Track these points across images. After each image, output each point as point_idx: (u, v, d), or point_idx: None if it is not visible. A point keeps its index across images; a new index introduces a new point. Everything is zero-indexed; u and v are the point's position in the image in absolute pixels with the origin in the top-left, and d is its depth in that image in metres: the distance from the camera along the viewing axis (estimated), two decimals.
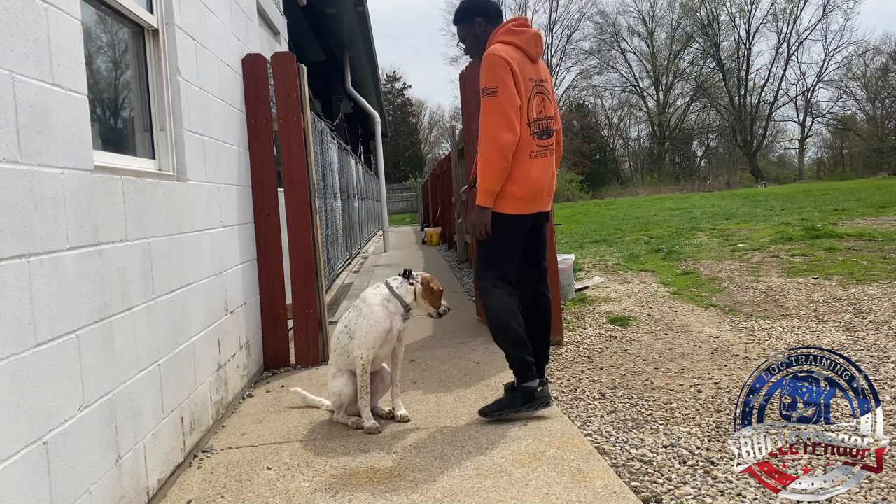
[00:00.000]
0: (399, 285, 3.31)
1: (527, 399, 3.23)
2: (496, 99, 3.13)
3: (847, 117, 51.37)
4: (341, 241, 9.78)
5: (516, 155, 3.18)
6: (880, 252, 7.59)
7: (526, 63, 3.26)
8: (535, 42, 3.31)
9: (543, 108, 3.32)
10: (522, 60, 3.24)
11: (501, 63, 3.14)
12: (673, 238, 10.89)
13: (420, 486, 2.56)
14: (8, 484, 1.72)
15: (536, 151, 3.26)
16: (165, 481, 2.70)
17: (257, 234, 4.48)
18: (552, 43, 52.92)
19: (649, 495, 2.45)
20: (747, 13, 52.50)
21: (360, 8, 9.53)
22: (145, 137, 3.12)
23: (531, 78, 3.26)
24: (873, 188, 20.36)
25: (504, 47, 3.23)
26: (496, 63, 3.14)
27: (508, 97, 3.13)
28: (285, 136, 4.60)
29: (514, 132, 3.13)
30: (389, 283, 3.33)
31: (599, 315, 5.66)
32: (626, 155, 59.17)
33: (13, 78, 1.85)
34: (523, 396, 3.23)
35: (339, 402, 3.33)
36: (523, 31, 3.30)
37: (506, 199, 3.22)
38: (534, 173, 3.24)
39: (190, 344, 3.10)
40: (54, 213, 2.01)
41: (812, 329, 4.77)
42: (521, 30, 3.31)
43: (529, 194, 3.25)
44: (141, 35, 3.06)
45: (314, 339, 4.62)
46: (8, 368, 1.75)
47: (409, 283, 3.32)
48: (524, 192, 3.23)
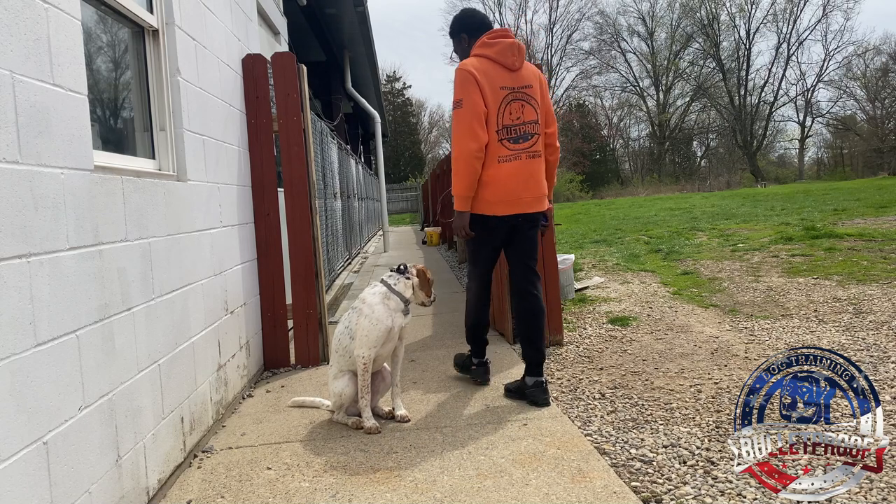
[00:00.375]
0: (396, 282, 3.33)
1: (465, 368, 3.96)
2: (460, 111, 3.41)
3: (847, 117, 51.36)
4: (341, 241, 9.78)
5: (485, 160, 3.43)
6: (880, 252, 7.60)
7: (499, 73, 3.45)
8: (510, 52, 3.48)
9: (522, 114, 3.49)
10: (494, 71, 3.45)
11: (466, 76, 3.40)
12: (673, 238, 10.89)
13: (420, 486, 2.56)
14: (8, 484, 1.72)
15: (507, 156, 3.46)
16: (165, 481, 2.70)
17: (257, 234, 4.48)
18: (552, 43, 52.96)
19: (649, 495, 2.45)
20: (747, 13, 52.52)
21: (360, 8, 9.53)
22: (145, 137, 3.12)
23: (504, 86, 3.45)
24: (873, 188, 20.37)
25: (474, 60, 3.48)
26: (461, 77, 3.41)
27: (472, 108, 3.38)
28: (285, 136, 4.60)
29: (477, 141, 3.37)
30: (386, 281, 3.34)
31: (599, 315, 5.66)
32: (626, 155, 59.18)
33: (13, 78, 1.85)
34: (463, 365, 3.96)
35: (339, 402, 3.33)
36: (497, 43, 3.49)
37: (479, 202, 3.50)
38: (503, 177, 3.45)
39: (190, 344, 3.10)
40: (54, 213, 2.01)
41: (812, 329, 4.77)
42: (494, 41, 3.50)
43: (500, 198, 3.47)
44: (141, 35, 3.06)
45: (314, 340, 4.62)
46: (8, 368, 1.75)
47: (405, 278, 3.34)
48: (494, 195, 3.46)
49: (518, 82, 3.49)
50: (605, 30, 54.75)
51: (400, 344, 3.41)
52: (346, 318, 3.37)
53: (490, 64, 3.46)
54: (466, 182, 3.43)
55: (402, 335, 3.38)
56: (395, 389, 3.42)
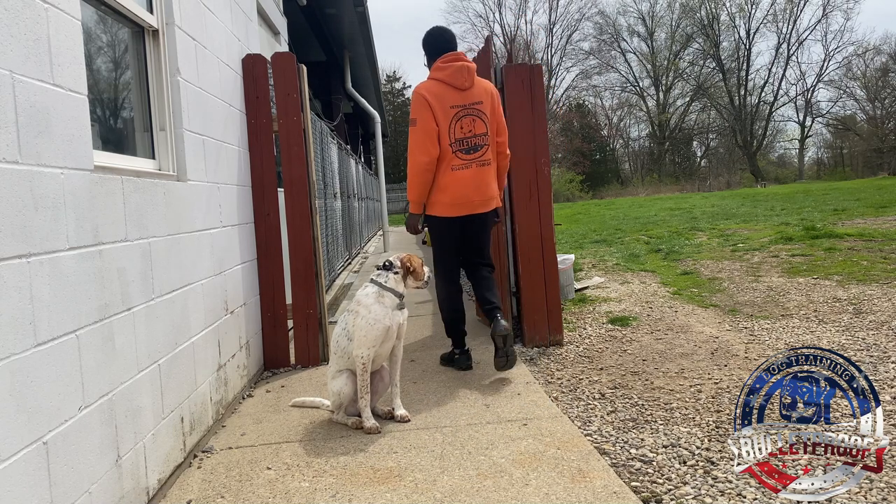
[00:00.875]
0: (385, 279, 3.35)
1: (450, 361, 4.31)
2: (415, 129, 3.96)
3: (847, 117, 51.35)
4: (341, 241, 9.78)
5: (439, 168, 3.99)
6: (880, 252, 7.60)
7: (449, 93, 3.98)
8: (460, 74, 3.99)
9: (473, 127, 4.02)
10: (445, 92, 3.98)
11: (420, 99, 3.96)
12: (673, 238, 10.89)
13: (420, 486, 2.56)
14: (8, 484, 1.72)
15: (460, 165, 4.00)
16: (165, 481, 2.70)
17: (257, 234, 4.48)
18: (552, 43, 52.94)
19: (649, 495, 2.45)
20: (747, 13, 52.51)
21: (360, 8, 9.52)
22: (145, 137, 3.12)
23: (454, 105, 3.98)
24: (873, 188, 20.37)
25: (427, 83, 4.04)
26: (416, 99, 3.97)
27: (423, 127, 3.93)
28: (285, 136, 4.60)
29: (427, 155, 3.94)
30: (376, 280, 3.36)
31: (599, 315, 5.66)
32: (626, 155, 59.14)
33: (13, 78, 1.85)
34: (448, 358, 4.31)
35: (338, 401, 3.33)
36: (448, 67, 4.00)
37: (435, 205, 4.07)
38: (457, 183, 4.00)
39: (190, 344, 3.10)
40: (54, 213, 2.01)
41: (812, 329, 4.77)
42: (446, 65, 4.01)
43: (454, 201, 4.02)
44: (141, 35, 3.06)
45: (314, 339, 4.62)
46: (8, 368, 1.75)
47: (393, 273, 3.38)
48: (448, 199, 4.02)
49: (468, 100, 4.00)
50: (605, 30, 54.76)
51: (398, 343, 3.41)
52: (343, 321, 3.37)
53: (442, 86, 3.98)
54: (418, 190, 4.04)
55: (400, 333, 3.39)
56: (395, 389, 3.42)
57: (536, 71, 4.71)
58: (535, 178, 4.67)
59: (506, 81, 4.68)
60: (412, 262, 3.47)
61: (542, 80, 4.71)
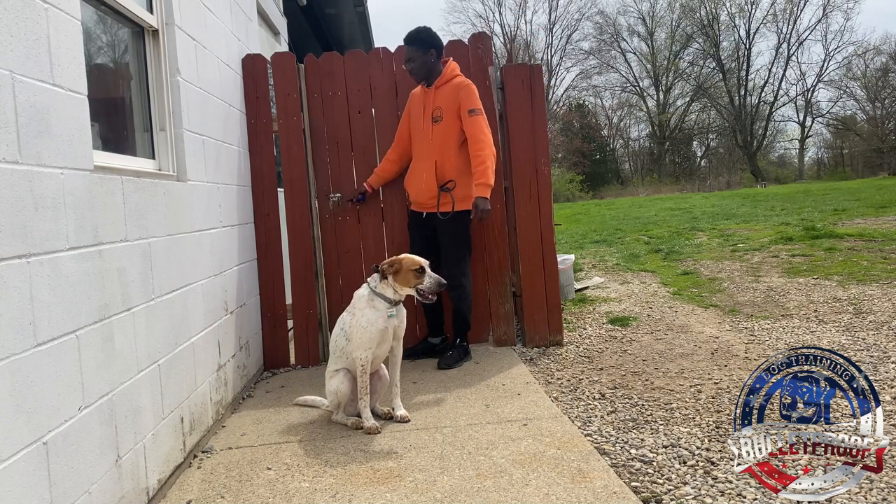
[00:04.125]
0: (376, 284, 3.30)
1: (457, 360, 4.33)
2: (482, 117, 4.21)
3: (847, 117, 51.30)
4: None
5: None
6: (880, 252, 7.60)
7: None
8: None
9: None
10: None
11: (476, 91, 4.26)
12: (673, 238, 10.89)
13: (420, 486, 2.56)
14: (8, 484, 1.72)
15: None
16: (165, 481, 2.70)
17: (257, 234, 4.48)
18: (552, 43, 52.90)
19: (649, 495, 2.45)
20: (747, 13, 52.44)
21: (360, 8, 9.52)
22: (145, 137, 3.12)
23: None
24: (873, 188, 20.36)
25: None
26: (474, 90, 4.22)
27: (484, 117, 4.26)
28: (285, 136, 4.60)
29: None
30: (368, 283, 3.33)
31: (599, 315, 5.66)
32: (626, 155, 59.08)
33: (13, 78, 1.85)
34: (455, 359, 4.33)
35: (336, 400, 3.33)
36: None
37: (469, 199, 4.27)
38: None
39: (190, 344, 3.10)
40: (54, 213, 2.01)
41: (812, 329, 4.77)
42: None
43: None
44: (141, 35, 3.06)
45: (314, 340, 4.62)
46: (8, 368, 1.75)
47: (382, 278, 3.29)
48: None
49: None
50: (604, 30, 54.66)
51: (397, 343, 3.41)
52: (341, 320, 3.37)
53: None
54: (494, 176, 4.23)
55: (397, 335, 3.38)
56: (395, 389, 3.42)
57: (536, 71, 4.70)
58: (535, 178, 4.66)
59: (506, 81, 4.68)
60: (401, 264, 3.28)
61: (542, 80, 4.70)
